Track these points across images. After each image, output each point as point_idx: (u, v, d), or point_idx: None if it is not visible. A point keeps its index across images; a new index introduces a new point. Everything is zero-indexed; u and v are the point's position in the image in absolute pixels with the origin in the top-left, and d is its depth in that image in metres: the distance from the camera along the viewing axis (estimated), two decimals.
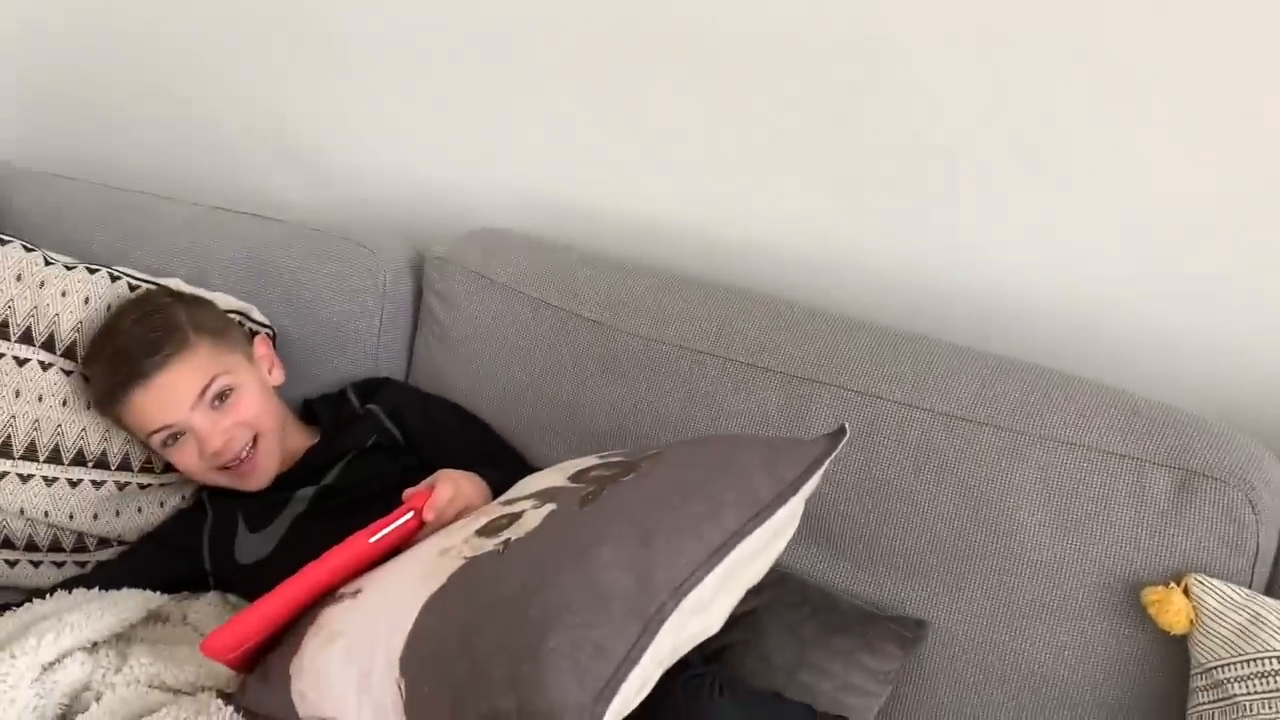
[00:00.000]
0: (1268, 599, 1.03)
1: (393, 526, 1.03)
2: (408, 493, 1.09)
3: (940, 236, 1.33)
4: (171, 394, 1.26)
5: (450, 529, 1.04)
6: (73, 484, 1.35)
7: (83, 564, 1.38)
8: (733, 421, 1.24)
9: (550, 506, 0.97)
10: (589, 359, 1.33)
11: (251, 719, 1.00)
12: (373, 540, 1.02)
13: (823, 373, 1.23)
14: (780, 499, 0.98)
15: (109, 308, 1.36)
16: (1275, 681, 0.98)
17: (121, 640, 1.18)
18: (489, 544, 0.94)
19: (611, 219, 1.50)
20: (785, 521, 0.99)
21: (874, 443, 1.19)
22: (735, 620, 1.15)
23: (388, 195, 1.65)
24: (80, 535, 1.37)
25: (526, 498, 1.01)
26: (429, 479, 1.11)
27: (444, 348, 1.42)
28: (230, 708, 1.01)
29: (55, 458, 1.34)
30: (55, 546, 1.37)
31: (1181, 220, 1.22)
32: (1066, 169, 1.25)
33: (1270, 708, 0.97)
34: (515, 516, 0.97)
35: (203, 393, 1.26)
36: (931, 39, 1.26)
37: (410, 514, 1.05)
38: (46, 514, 1.34)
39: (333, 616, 0.97)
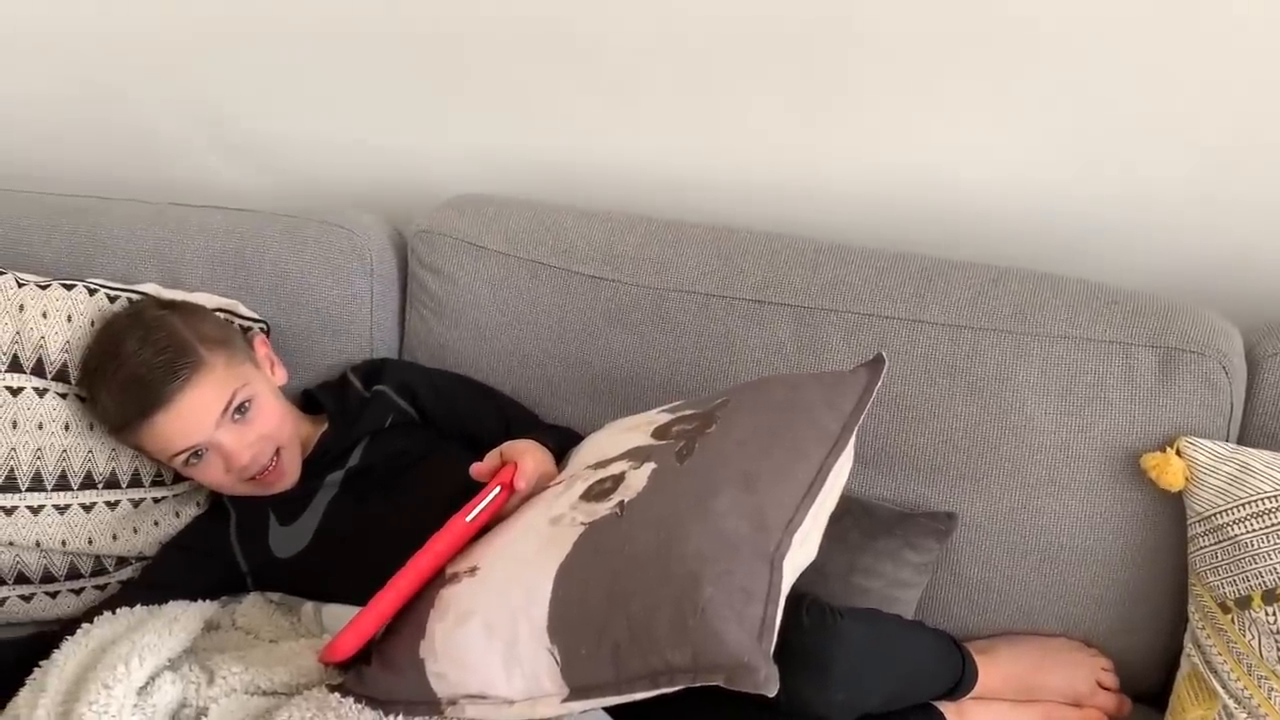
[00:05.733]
0: (1251, 449, 1.18)
1: (485, 502, 1.07)
2: (480, 469, 1.12)
3: (902, 155, 1.42)
4: (195, 416, 1.23)
5: (543, 497, 1.08)
6: (86, 508, 1.31)
7: (101, 586, 1.36)
8: (749, 357, 1.31)
9: (651, 465, 1.02)
10: (595, 314, 1.36)
11: (376, 707, 1.02)
12: (469, 519, 1.06)
13: (828, 300, 1.30)
14: (847, 430, 1.06)
15: (92, 324, 1.32)
16: (1272, 518, 1.13)
17: (188, 654, 1.18)
18: (603, 508, 1.00)
19: (579, 172, 1.52)
20: (850, 450, 1.08)
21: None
22: None
23: (337, 172, 1.62)
24: (98, 558, 1.34)
25: (617, 459, 1.06)
26: (495, 452, 1.14)
27: (441, 321, 1.43)
28: (350, 699, 1.03)
29: (64, 484, 1.30)
30: (73, 574, 1.34)
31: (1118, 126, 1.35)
32: (1011, 81, 1.35)
33: (1269, 541, 1.13)
34: (618, 479, 1.02)
35: (225, 409, 1.25)
36: None
37: (498, 489, 1.08)
38: (64, 543, 1.31)
39: (456, 596, 1.00)
